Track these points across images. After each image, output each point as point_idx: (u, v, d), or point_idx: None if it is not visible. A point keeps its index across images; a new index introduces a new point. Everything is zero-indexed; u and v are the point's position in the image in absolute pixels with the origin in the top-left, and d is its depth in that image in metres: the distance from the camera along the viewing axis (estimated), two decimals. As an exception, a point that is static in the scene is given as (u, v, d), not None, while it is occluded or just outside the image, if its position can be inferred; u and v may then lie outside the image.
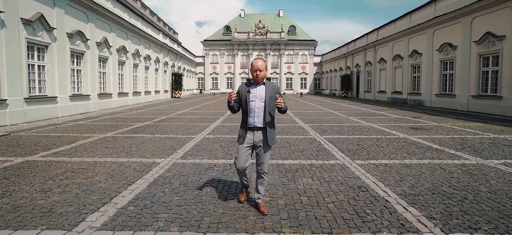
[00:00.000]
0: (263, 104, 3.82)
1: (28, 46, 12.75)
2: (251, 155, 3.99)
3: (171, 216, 3.75)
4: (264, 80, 3.90)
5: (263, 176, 3.97)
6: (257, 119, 3.84)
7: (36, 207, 3.98)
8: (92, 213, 3.80)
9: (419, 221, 3.64)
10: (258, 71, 3.79)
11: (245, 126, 3.89)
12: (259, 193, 3.99)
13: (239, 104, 3.96)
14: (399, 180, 5.22)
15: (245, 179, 4.13)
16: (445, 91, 21.51)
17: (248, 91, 3.85)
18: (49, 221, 3.57)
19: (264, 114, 3.83)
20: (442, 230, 3.42)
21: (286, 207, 4.07)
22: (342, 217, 3.77)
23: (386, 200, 4.30)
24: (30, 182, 5.00)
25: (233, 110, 3.96)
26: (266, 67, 3.88)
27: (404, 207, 4.06)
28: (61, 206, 4.02)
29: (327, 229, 3.46)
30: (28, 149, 7.57)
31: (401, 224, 3.58)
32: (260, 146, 3.88)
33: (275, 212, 3.91)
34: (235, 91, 3.88)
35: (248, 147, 3.88)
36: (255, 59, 3.89)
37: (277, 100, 3.71)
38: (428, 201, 4.29)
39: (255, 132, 3.86)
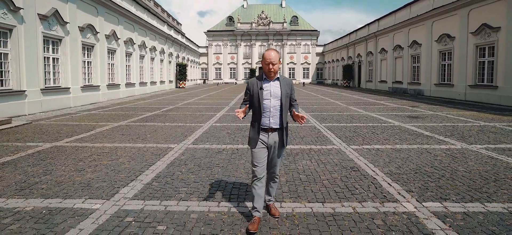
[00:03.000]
0: (279, 102, 3.40)
1: (44, 40, 13.45)
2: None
3: (190, 190, 4.46)
4: (278, 75, 3.49)
5: (275, 179, 3.67)
6: (272, 119, 3.40)
7: (75, 182, 4.71)
8: (123, 187, 4.51)
9: (400, 194, 4.33)
10: (271, 64, 3.32)
11: (258, 127, 3.44)
12: (270, 195, 3.72)
13: (250, 103, 3.50)
14: (388, 162, 5.90)
15: (261, 196, 3.45)
16: (444, 81, 22.05)
17: (261, 88, 3.40)
18: (90, 193, 4.29)
19: (281, 114, 3.42)
20: (417, 200, 4.10)
21: (287, 183, 4.76)
22: (334, 191, 4.46)
23: (374, 178, 4.99)
24: (64, 163, 5.72)
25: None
26: (279, 59, 3.42)
27: (388, 183, 4.74)
28: (96, 181, 4.75)
29: (321, 199, 4.15)
30: (52, 135, 8.30)
31: (384, 196, 4.27)
32: (274, 147, 3.49)
33: (277, 186, 4.59)
34: (241, 110, 3.35)
35: (264, 149, 3.46)
36: (267, 50, 3.38)
37: (300, 119, 3.28)
38: (410, 178, 4.97)
39: (269, 133, 3.44)
